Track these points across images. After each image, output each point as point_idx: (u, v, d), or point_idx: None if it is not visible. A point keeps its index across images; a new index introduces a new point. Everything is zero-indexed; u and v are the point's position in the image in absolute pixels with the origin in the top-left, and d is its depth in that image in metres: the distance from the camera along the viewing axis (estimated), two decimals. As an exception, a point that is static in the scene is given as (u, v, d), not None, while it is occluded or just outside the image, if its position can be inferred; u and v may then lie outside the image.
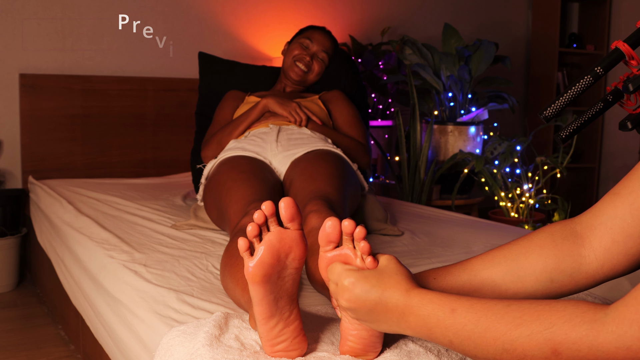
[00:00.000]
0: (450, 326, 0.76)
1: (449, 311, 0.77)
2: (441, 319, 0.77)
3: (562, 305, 0.70)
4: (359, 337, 0.94)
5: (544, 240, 0.92)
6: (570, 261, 0.90)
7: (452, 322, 0.76)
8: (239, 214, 1.55)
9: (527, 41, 4.63)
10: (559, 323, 0.68)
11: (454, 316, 0.76)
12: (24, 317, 2.44)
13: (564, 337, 0.67)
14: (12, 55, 2.95)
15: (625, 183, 0.86)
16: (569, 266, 0.90)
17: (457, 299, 0.78)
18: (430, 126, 3.24)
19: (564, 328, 0.67)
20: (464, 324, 0.75)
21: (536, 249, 0.92)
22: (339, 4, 3.82)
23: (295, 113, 2.06)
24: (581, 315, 0.67)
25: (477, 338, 0.73)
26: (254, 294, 0.93)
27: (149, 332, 1.23)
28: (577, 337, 0.66)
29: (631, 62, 0.91)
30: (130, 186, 2.76)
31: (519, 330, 0.70)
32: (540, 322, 0.69)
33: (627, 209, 0.84)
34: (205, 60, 2.53)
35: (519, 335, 0.70)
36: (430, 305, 0.79)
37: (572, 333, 0.67)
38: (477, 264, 0.96)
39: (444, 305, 0.78)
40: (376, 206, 2.05)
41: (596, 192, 4.64)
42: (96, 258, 1.69)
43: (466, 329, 0.75)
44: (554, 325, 0.68)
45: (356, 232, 0.88)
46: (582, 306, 0.69)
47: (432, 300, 0.79)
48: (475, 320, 0.74)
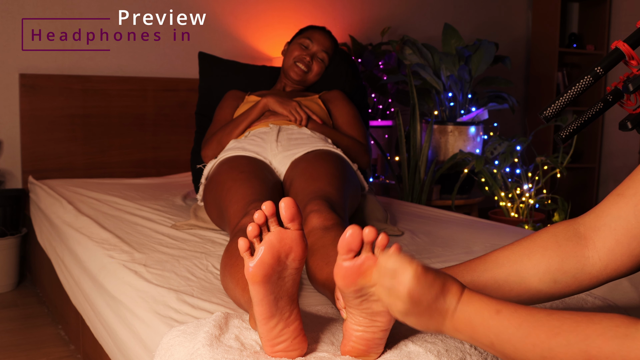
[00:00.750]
0: (494, 327, 0.77)
1: (494, 312, 0.77)
2: (486, 319, 0.77)
3: (598, 318, 0.71)
4: (363, 338, 0.94)
5: (547, 241, 0.92)
6: (573, 262, 0.90)
7: (495, 323, 0.77)
8: (239, 214, 1.55)
9: (527, 41, 4.63)
10: (594, 336, 0.69)
11: (499, 317, 0.77)
12: (24, 317, 2.44)
13: (597, 350, 0.68)
14: (12, 55, 2.95)
15: (628, 184, 0.86)
16: (572, 267, 0.90)
17: (503, 302, 0.78)
18: (430, 126, 3.24)
19: (597, 341, 0.69)
20: (507, 326, 0.76)
21: (539, 249, 0.92)
22: (339, 4, 3.82)
23: (295, 112, 2.06)
24: (614, 328, 0.68)
25: (518, 342, 0.74)
26: (254, 294, 0.93)
27: (149, 332, 1.23)
28: (610, 351, 0.68)
29: (631, 62, 0.91)
30: (130, 186, 2.76)
31: (557, 340, 0.71)
32: (577, 333, 0.70)
33: (631, 210, 0.84)
34: (205, 60, 2.53)
35: (557, 345, 0.71)
36: (478, 303, 0.79)
37: (605, 346, 0.68)
38: (480, 265, 0.96)
39: (490, 305, 0.78)
40: (376, 206, 2.05)
41: (596, 192, 4.64)
42: (96, 258, 1.69)
43: (508, 331, 0.75)
44: (588, 338, 0.69)
45: (378, 240, 0.86)
46: (616, 320, 0.70)
47: (481, 299, 0.79)
48: (517, 324, 0.75)
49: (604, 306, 1.25)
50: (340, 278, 0.88)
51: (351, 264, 0.86)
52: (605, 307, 1.26)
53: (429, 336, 1.02)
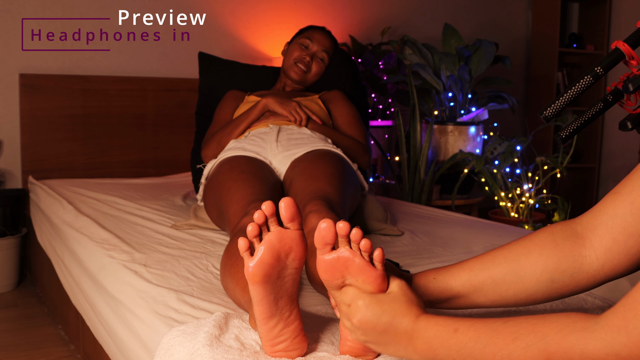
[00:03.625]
0: (454, 345, 0.78)
1: (452, 331, 0.78)
2: (445, 339, 0.79)
3: (555, 317, 0.72)
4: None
5: (545, 241, 0.92)
6: (571, 261, 0.90)
7: (455, 341, 0.78)
8: (239, 214, 1.55)
9: (527, 41, 4.63)
10: (552, 334, 0.70)
11: (457, 335, 0.78)
12: (24, 317, 2.44)
13: (556, 346, 0.69)
14: (12, 55, 2.95)
15: (625, 183, 0.86)
16: (569, 266, 0.90)
17: (460, 320, 0.79)
18: (430, 126, 3.24)
19: (556, 338, 0.69)
20: (466, 342, 0.77)
21: (537, 249, 0.92)
22: (339, 4, 3.82)
23: (295, 112, 2.06)
24: (572, 324, 0.69)
25: (478, 354, 0.76)
26: (254, 294, 0.93)
27: (149, 332, 1.23)
28: (568, 346, 0.68)
29: (631, 62, 0.91)
30: (130, 186, 2.76)
31: (515, 344, 0.72)
32: (535, 334, 0.71)
33: (627, 208, 0.84)
34: (205, 60, 2.53)
35: (516, 349, 0.72)
36: (436, 327, 0.80)
37: (563, 342, 0.68)
38: (477, 263, 0.96)
39: (448, 326, 0.79)
40: (376, 206, 2.05)
41: (596, 192, 4.64)
42: (96, 258, 1.69)
43: (468, 346, 0.77)
44: (547, 336, 0.70)
45: (352, 234, 0.87)
46: (574, 316, 0.70)
47: (438, 322, 0.81)
48: (475, 338, 0.76)
49: (605, 306, 1.25)
50: (323, 272, 0.89)
51: (330, 257, 0.88)
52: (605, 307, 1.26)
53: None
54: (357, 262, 0.87)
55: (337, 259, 0.87)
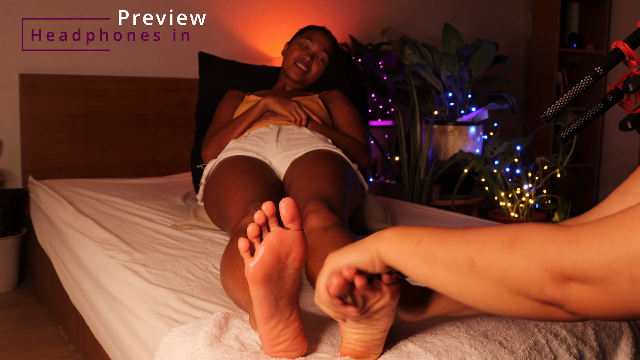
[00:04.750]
0: (419, 255, 0.75)
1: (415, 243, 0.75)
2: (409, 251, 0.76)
3: (499, 226, 0.69)
4: (362, 340, 0.94)
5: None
6: None
7: (420, 250, 0.75)
8: (239, 214, 1.55)
9: (527, 41, 4.63)
10: (523, 225, 0.66)
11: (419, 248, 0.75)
12: (24, 317, 2.44)
13: (526, 229, 0.64)
14: (12, 55, 2.95)
15: (633, 182, 0.85)
16: None
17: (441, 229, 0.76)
18: (430, 126, 3.24)
19: (528, 226, 0.65)
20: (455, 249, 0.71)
21: None
22: (339, 4, 3.82)
23: (295, 112, 2.06)
24: (546, 225, 0.64)
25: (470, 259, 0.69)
26: (255, 295, 0.93)
27: (149, 332, 1.23)
28: (538, 231, 0.63)
29: (631, 62, 0.91)
30: (130, 186, 2.76)
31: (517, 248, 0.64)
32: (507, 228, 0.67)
33: None
34: (205, 60, 2.53)
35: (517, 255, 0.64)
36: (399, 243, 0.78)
37: (534, 228, 0.64)
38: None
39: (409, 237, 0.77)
40: (376, 206, 2.05)
41: (596, 192, 4.64)
42: (96, 258, 1.69)
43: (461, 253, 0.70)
44: (517, 227, 0.66)
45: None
46: (507, 227, 0.67)
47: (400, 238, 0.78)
48: (465, 239, 0.70)
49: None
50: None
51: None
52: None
53: (429, 336, 1.02)
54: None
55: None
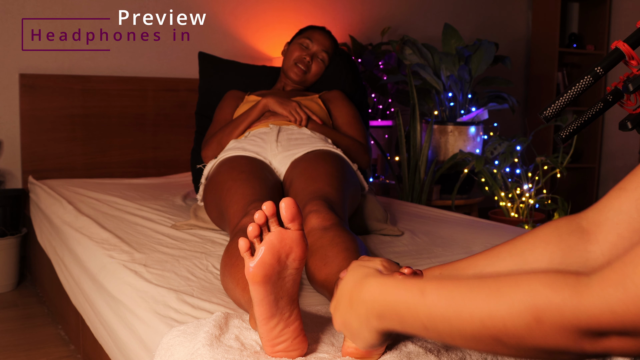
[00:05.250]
0: (422, 309, 0.70)
1: (419, 293, 0.71)
2: (411, 304, 0.71)
3: (542, 273, 0.65)
4: None
5: (550, 235, 0.91)
6: (576, 256, 0.88)
7: (422, 304, 0.69)
8: (239, 214, 1.55)
9: (527, 41, 4.63)
10: (540, 288, 0.62)
11: (424, 298, 0.70)
12: (24, 317, 2.44)
13: (546, 301, 0.61)
14: (12, 55, 2.95)
15: (630, 178, 0.85)
16: (575, 261, 0.88)
17: (425, 280, 0.72)
18: (430, 126, 3.24)
19: (545, 292, 0.62)
20: (436, 303, 0.68)
21: (541, 244, 0.91)
22: (339, 4, 3.82)
23: (295, 112, 2.06)
24: (563, 279, 0.62)
25: (452, 317, 0.67)
26: (255, 294, 0.93)
27: (149, 332, 1.23)
28: (561, 301, 0.61)
29: (631, 62, 0.91)
30: (130, 186, 2.76)
31: (497, 301, 0.64)
32: (519, 289, 0.64)
33: (632, 204, 0.84)
34: (205, 60, 2.53)
35: (498, 306, 0.64)
36: (396, 290, 0.73)
37: (555, 297, 0.61)
38: (482, 259, 0.94)
39: (412, 287, 0.72)
40: (376, 206, 2.05)
41: (596, 192, 4.64)
42: (96, 258, 1.69)
43: (440, 308, 0.68)
44: (535, 291, 0.62)
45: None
46: (564, 272, 0.64)
47: (397, 285, 0.73)
48: (449, 298, 0.68)
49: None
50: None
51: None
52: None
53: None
54: None
55: None
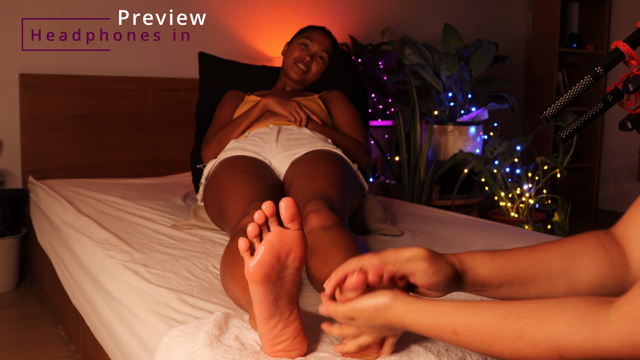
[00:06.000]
0: (460, 345, 0.79)
1: (452, 334, 0.79)
2: (449, 341, 0.80)
3: (561, 310, 0.70)
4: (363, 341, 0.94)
5: (595, 244, 0.90)
6: (619, 270, 0.88)
7: (459, 342, 0.79)
8: (239, 214, 1.55)
9: (527, 41, 4.63)
10: (561, 329, 0.68)
11: (458, 338, 0.78)
12: (24, 317, 2.44)
13: (567, 342, 0.68)
14: (12, 55, 2.95)
15: None
16: (618, 275, 0.88)
17: (454, 318, 0.79)
18: (430, 126, 3.24)
19: (566, 334, 0.68)
20: (470, 343, 0.77)
21: (589, 250, 0.90)
22: (339, 4, 3.82)
23: (295, 112, 2.05)
24: (582, 318, 0.68)
25: (487, 350, 0.76)
26: (254, 294, 0.93)
27: (149, 332, 1.23)
28: (581, 341, 0.67)
29: (631, 62, 0.91)
30: (130, 186, 2.76)
31: (522, 342, 0.71)
32: (541, 330, 0.70)
33: None
34: (205, 60, 2.53)
35: (523, 347, 0.71)
36: (432, 332, 0.81)
37: (575, 338, 0.67)
38: (534, 254, 0.93)
39: (445, 329, 0.79)
40: (376, 206, 2.05)
41: (596, 192, 4.64)
42: (96, 258, 1.69)
43: (473, 346, 0.77)
44: (556, 333, 0.69)
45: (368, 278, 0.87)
46: (583, 308, 0.69)
47: (431, 327, 0.81)
48: (478, 340, 0.76)
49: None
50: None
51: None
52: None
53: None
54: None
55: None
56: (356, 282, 0.86)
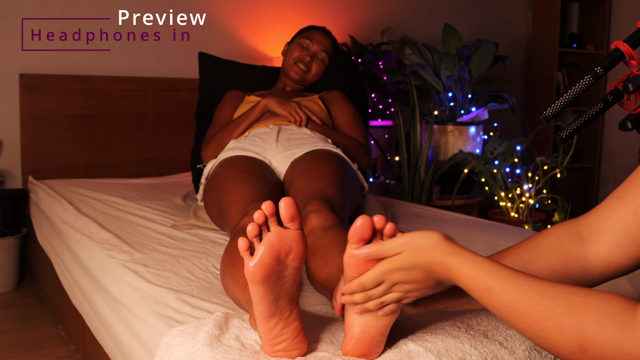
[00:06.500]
0: (488, 303, 0.80)
1: (485, 290, 0.79)
2: (479, 296, 0.81)
3: (594, 301, 0.71)
4: (366, 334, 0.94)
5: (551, 245, 0.93)
6: (576, 265, 0.91)
7: (488, 300, 0.79)
8: (239, 214, 1.55)
9: (527, 41, 4.63)
10: (590, 321, 0.69)
11: (490, 296, 0.79)
12: (24, 317, 2.44)
13: (592, 335, 0.68)
14: (12, 55, 2.95)
15: (628, 187, 0.87)
16: (575, 270, 0.91)
17: (492, 276, 0.79)
18: (430, 126, 3.24)
19: (593, 327, 0.68)
20: (500, 304, 0.78)
21: (544, 254, 0.93)
22: (339, 4, 3.82)
23: (295, 113, 2.06)
24: (612, 315, 0.68)
25: (512, 320, 0.77)
26: (254, 294, 0.93)
27: (149, 332, 1.24)
28: (605, 338, 0.67)
29: (631, 62, 0.91)
30: (130, 186, 2.76)
31: (550, 322, 0.72)
32: (572, 316, 0.70)
33: (630, 214, 0.85)
34: (205, 60, 2.53)
35: (550, 326, 0.72)
36: (467, 280, 0.81)
37: (601, 333, 0.68)
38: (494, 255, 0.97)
39: (480, 283, 0.80)
40: (376, 206, 2.05)
41: (596, 192, 4.64)
42: (96, 258, 1.69)
43: (502, 309, 0.78)
44: (584, 323, 0.69)
45: (386, 229, 0.89)
46: (614, 305, 0.69)
47: (469, 275, 0.81)
48: (509, 304, 0.77)
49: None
50: (354, 266, 0.90)
51: (361, 252, 0.89)
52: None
53: (429, 335, 1.02)
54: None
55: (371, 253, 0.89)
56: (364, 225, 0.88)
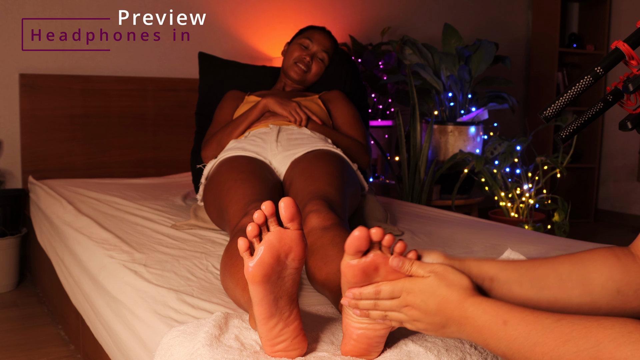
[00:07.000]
0: (503, 338, 0.78)
1: (501, 323, 0.78)
2: (494, 331, 0.79)
3: (610, 323, 0.70)
4: (365, 336, 0.94)
5: (607, 254, 0.91)
6: (635, 276, 0.88)
7: (504, 334, 0.78)
8: (239, 214, 1.55)
9: (527, 41, 4.63)
10: (605, 342, 0.69)
11: (506, 329, 0.78)
12: (24, 317, 2.44)
13: (609, 356, 0.68)
14: (12, 55, 2.95)
15: None
16: (634, 281, 0.88)
17: (510, 310, 0.79)
18: (430, 126, 3.24)
19: (609, 347, 0.68)
20: (515, 337, 0.77)
21: (600, 258, 0.91)
22: (339, 4, 3.82)
23: (295, 113, 2.06)
24: (627, 335, 0.68)
25: (527, 352, 0.75)
26: (254, 294, 0.93)
27: (149, 332, 1.23)
28: (621, 357, 0.67)
29: (631, 62, 0.91)
30: (130, 186, 2.76)
31: (566, 347, 0.72)
32: (587, 339, 0.70)
33: None
34: (205, 60, 2.53)
35: (567, 352, 0.71)
36: (484, 316, 0.81)
37: (616, 353, 0.67)
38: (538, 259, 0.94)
39: (497, 316, 0.79)
40: (376, 206, 2.05)
41: (596, 192, 4.64)
42: (96, 258, 1.69)
43: (517, 342, 0.77)
44: (600, 344, 0.69)
45: (385, 240, 0.89)
46: (630, 326, 0.69)
47: (486, 311, 0.81)
48: (525, 334, 0.76)
49: None
50: (352, 276, 0.90)
51: (362, 262, 0.89)
52: None
53: (429, 335, 1.02)
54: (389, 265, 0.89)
55: (370, 263, 0.89)
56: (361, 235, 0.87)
